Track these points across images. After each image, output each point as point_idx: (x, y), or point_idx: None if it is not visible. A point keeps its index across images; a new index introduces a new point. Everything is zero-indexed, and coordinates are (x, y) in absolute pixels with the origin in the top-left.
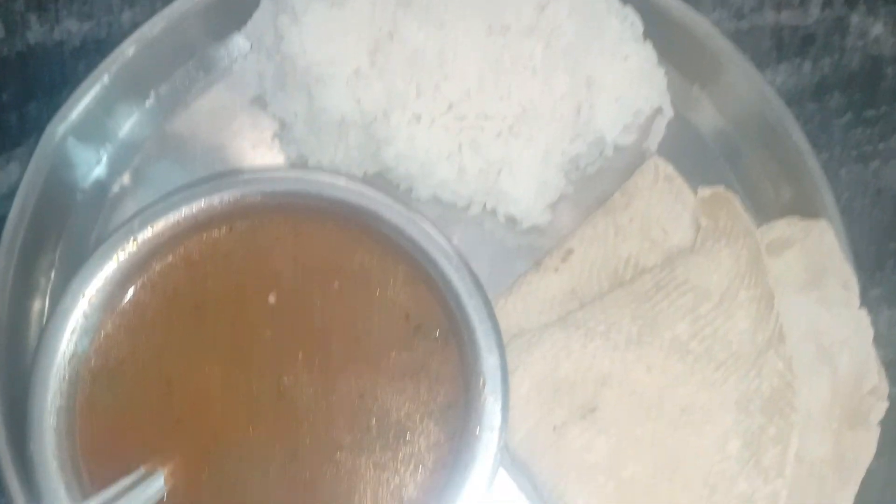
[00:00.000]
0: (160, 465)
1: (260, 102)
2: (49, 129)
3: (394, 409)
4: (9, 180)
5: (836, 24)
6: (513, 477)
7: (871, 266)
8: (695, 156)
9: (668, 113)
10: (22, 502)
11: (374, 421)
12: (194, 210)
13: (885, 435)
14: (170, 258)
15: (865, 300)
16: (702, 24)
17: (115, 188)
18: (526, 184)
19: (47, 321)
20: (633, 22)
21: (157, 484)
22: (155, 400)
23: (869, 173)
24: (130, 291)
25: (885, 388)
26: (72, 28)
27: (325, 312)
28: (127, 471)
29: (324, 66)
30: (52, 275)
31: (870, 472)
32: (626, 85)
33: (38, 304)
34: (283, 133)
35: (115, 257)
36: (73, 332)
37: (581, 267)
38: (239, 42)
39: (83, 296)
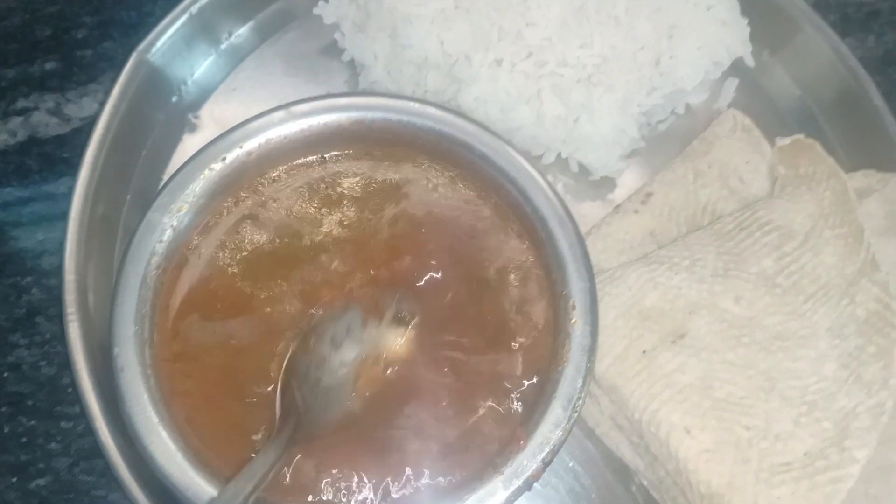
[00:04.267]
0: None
1: (332, 51)
2: (135, 56)
3: (485, 334)
4: (80, 114)
5: None
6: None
7: None
8: (765, 119)
9: (749, 62)
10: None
11: (466, 344)
12: (284, 132)
13: None
14: (257, 180)
15: None
16: None
17: (191, 120)
18: (603, 131)
19: (131, 236)
20: None
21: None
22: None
23: None
24: (218, 210)
25: None
26: None
27: (417, 242)
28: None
29: (410, 4)
30: (128, 199)
31: None
32: (709, 33)
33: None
34: (360, 77)
35: (202, 174)
36: (160, 242)
37: (661, 209)
38: None
39: (169, 211)
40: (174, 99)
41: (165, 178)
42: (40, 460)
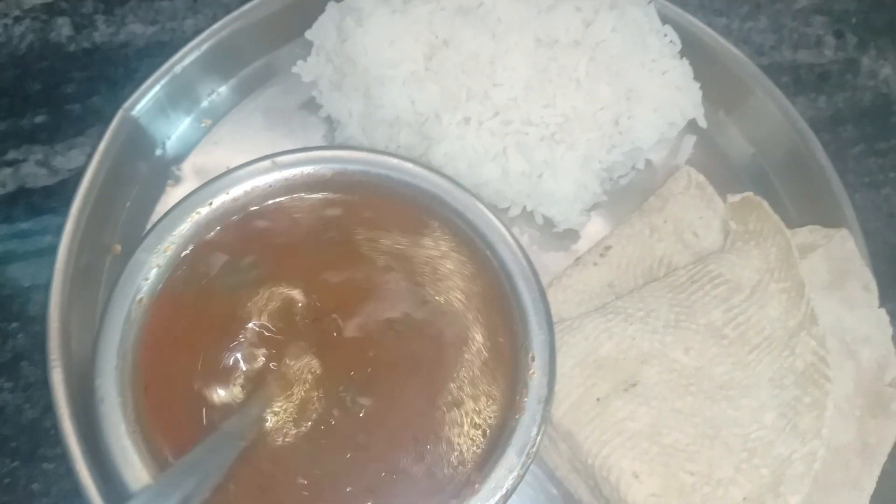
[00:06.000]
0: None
1: (310, 107)
2: (121, 112)
3: (447, 380)
4: (68, 165)
5: (848, 64)
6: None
7: (885, 283)
8: (720, 175)
9: (702, 123)
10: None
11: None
12: (269, 180)
13: None
14: (241, 222)
15: None
16: (731, 52)
17: (174, 172)
18: (565, 187)
19: (119, 274)
20: (672, 39)
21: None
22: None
23: (881, 198)
24: (198, 249)
25: None
26: (136, 31)
27: (385, 288)
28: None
29: (383, 67)
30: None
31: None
32: (664, 97)
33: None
34: (336, 133)
35: (189, 217)
36: (145, 280)
37: (619, 262)
38: (294, 49)
39: (156, 251)
40: (158, 152)
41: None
42: (22, 501)
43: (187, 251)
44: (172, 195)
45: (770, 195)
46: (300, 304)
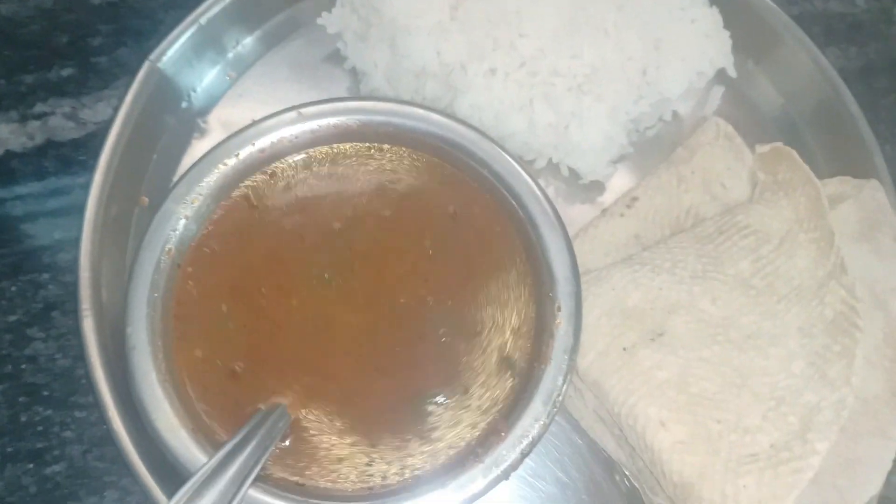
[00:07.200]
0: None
1: (335, 59)
2: (147, 64)
3: (475, 327)
4: (95, 118)
5: (881, 14)
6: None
7: None
8: (748, 126)
9: (732, 73)
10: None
11: (457, 340)
12: (295, 132)
13: None
14: (267, 175)
15: None
16: (762, 0)
17: (200, 124)
18: (592, 138)
19: (148, 225)
20: None
21: (284, 418)
22: (245, 312)
23: None
24: (227, 202)
25: None
26: None
27: (416, 239)
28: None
29: (409, 17)
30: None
31: None
32: (693, 46)
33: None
34: (361, 85)
35: (216, 169)
36: (174, 231)
37: (645, 213)
38: (319, 0)
39: (184, 202)
40: (184, 105)
41: (176, 179)
42: (55, 448)
43: (218, 205)
44: (198, 147)
45: (799, 146)
46: (335, 249)
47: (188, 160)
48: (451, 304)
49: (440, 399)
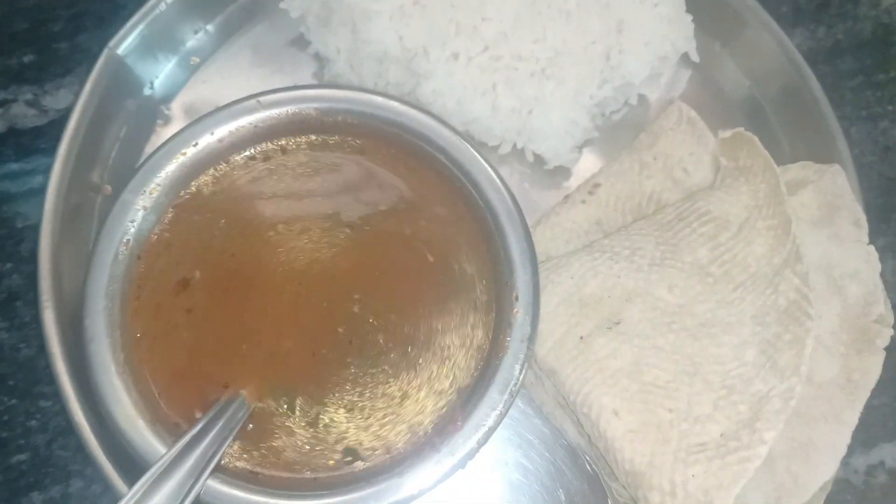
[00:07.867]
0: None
1: (299, 44)
2: (107, 51)
3: (432, 319)
4: (57, 105)
5: None
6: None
7: (877, 218)
8: (714, 109)
9: (694, 58)
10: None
11: (413, 329)
12: (253, 120)
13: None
14: (225, 165)
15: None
16: None
17: (164, 111)
18: (556, 123)
19: (106, 215)
20: None
21: (242, 409)
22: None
23: (878, 132)
24: (186, 192)
25: (891, 317)
26: None
27: (373, 227)
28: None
29: (369, 1)
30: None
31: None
32: (655, 30)
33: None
34: (325, 70)
35: (175, 159)
36: (132, 222)
37: (607, 200)
38: None
39: (142, 193)
40: (147, 92)
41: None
42: (20, 437)
43: (177, 196)
44: (162, 134)
45: (765, 130)
46: (293, 241)
47: (151, 148)
48: (407, 293)
49: (398, 387)
